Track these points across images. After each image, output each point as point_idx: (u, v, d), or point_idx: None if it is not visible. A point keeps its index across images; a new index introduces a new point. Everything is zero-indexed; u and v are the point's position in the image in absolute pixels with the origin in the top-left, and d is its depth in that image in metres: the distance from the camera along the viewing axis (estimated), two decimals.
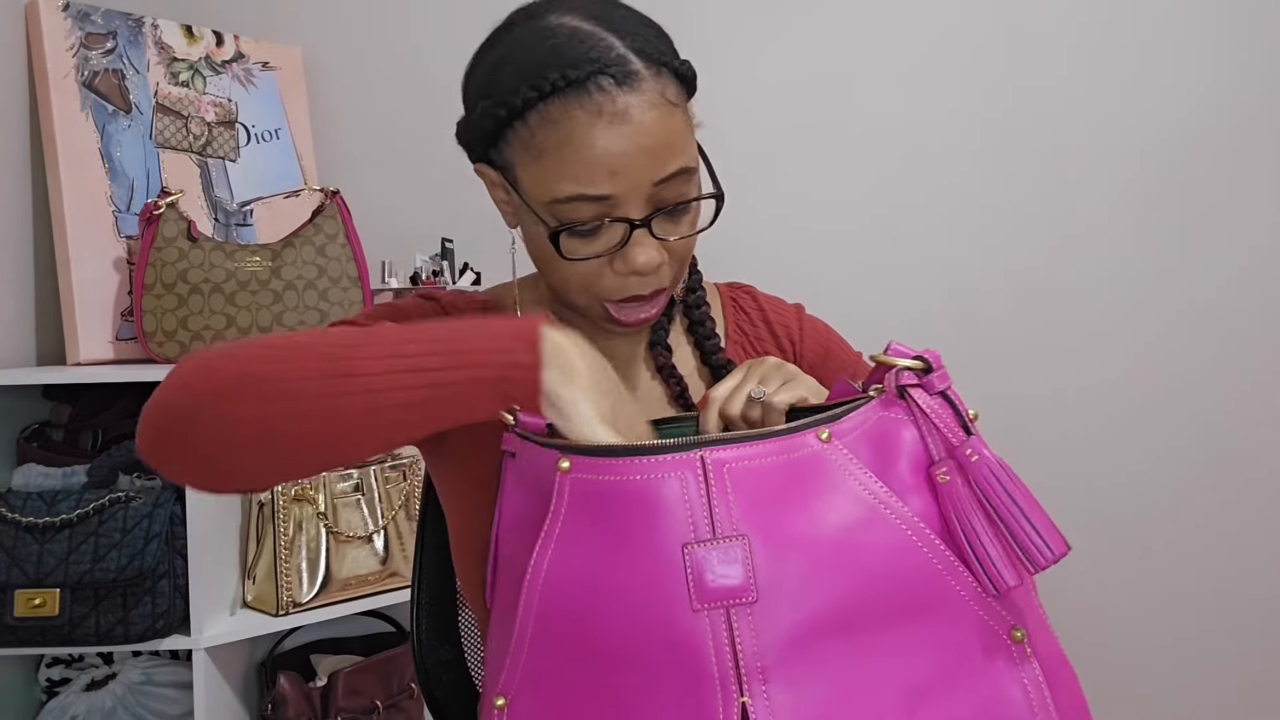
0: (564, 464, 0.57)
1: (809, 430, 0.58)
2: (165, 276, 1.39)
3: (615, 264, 0.71)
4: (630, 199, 0.69)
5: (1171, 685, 1.74)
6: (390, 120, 1.72)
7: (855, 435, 0.59)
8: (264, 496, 1.42)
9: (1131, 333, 1.73)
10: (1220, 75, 1.71)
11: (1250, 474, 1.72)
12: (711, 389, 0.69)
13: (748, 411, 0.68)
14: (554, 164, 0.69)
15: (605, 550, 0.56)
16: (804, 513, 0.56)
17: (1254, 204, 1.72)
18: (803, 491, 0.57)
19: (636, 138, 0.68)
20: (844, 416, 0.60)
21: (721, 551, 0.54)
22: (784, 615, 0.55)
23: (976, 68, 1.73)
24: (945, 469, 0.59)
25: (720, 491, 0.56)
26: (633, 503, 0.56)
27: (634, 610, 0.55)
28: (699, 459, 0.56)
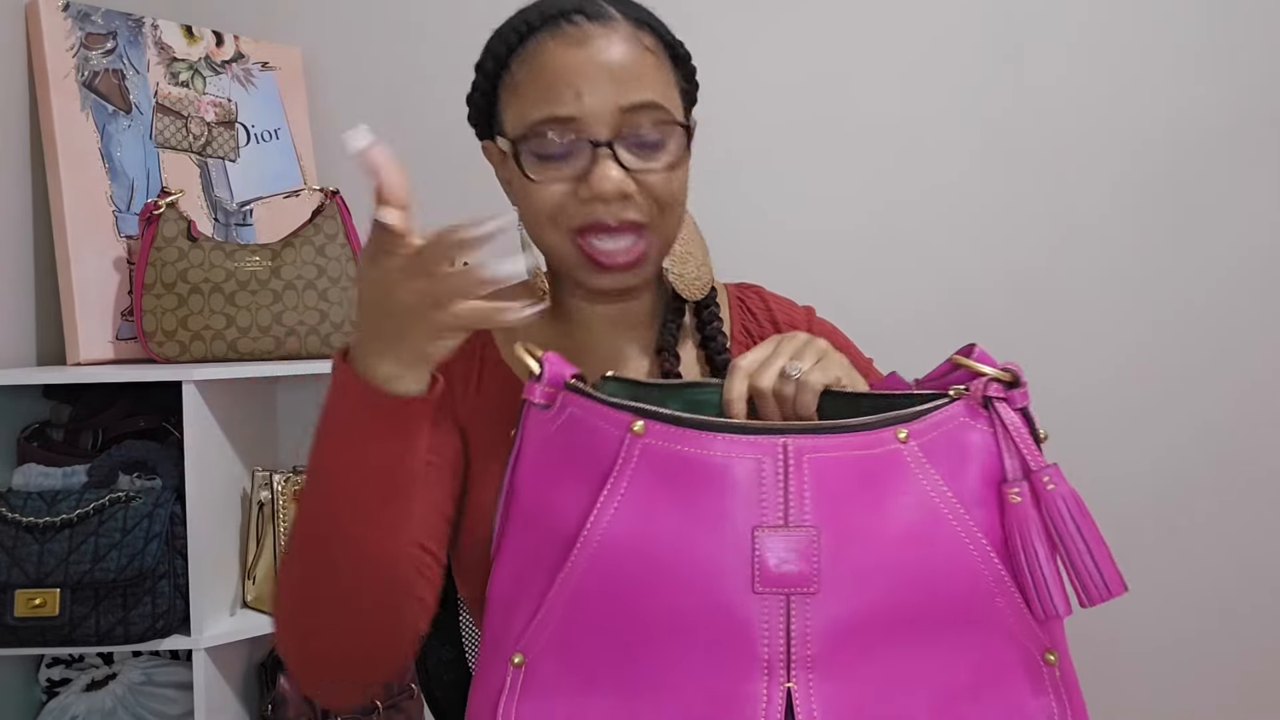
0: (638, 426, 0.57)
1: (888, 427, 0.58)
2: (165, 276, 1.39)
3: (580, 190, 0.72)
4: (596, 122, 0.72)
5: (1171, 685, 1.74)
6: (390, 120, 1.72)
7: (932, 437, 0.59)
8: (264, 496, 1.42)
9: (1129, 332, 1.73)
10: (1218, 74, 1.71)
11: (1250, 473, 1.72)
12: (739, 358, 0.66)
13: (780, 387, 0.65)
14: (528, 94, 0.74)
15: (671, 519, 0.56)
16: (873, 511, 0.57)
17: (1252, 203, 1.72)
18: (875, 490, 0.57)
19: (602, 59, 0.72)
20: (923, 416, 0.59)
21: (792, 539, 0.55)
22: (840, 608, 0.56)
23: (974, 65, 1.73)
24: (1018, 490, 0.59)
25: (798, 480, 0.56)
26: (708, 477, 0.56)
27: (692, 581, 0.55)
28: (781, 445, 0.56)
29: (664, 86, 0.75)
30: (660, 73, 0.76)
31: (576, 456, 0.59)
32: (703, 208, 0.89)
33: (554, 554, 0.57)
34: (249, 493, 1.45)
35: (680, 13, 0.85)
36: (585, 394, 0.59)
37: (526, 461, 0.61)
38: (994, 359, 0.62)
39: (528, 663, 0.58)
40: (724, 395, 0.64)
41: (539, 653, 0.58)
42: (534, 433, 0.61)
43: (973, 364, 0.61)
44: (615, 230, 0.73)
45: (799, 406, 0.64)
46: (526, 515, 0.61)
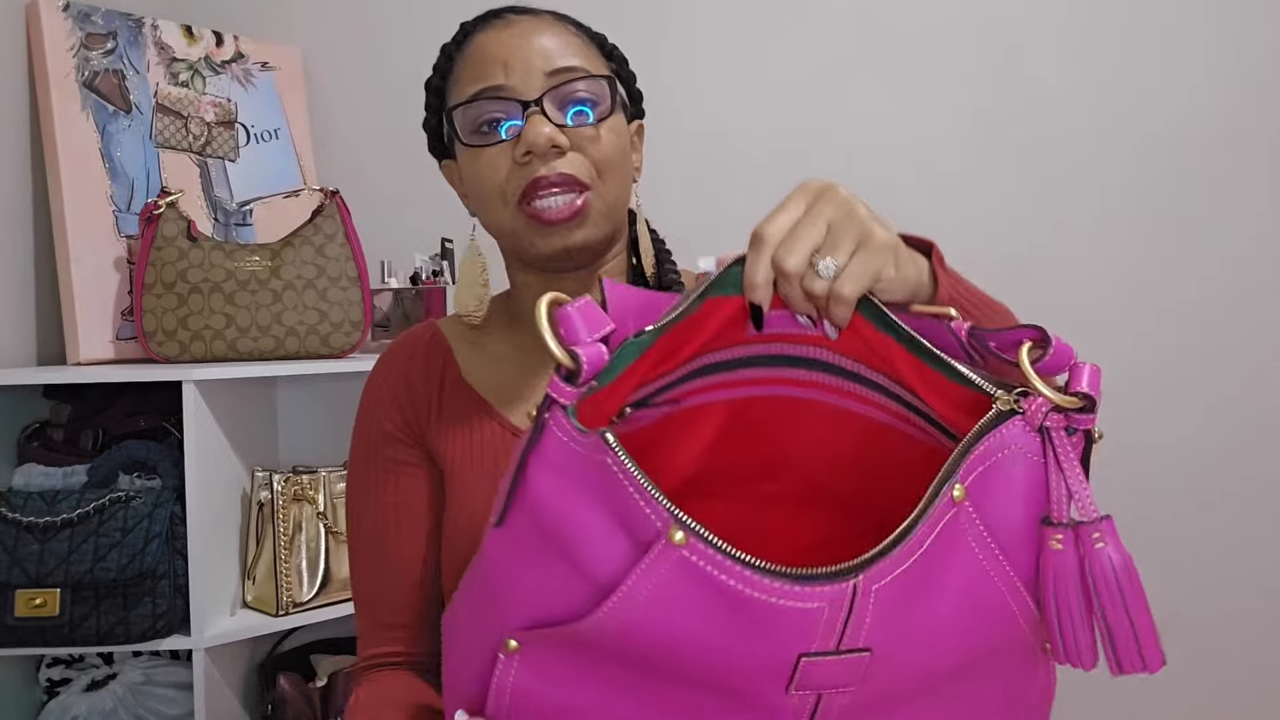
0: (678, 537, 0.45)
1: (946, 488, 0.48)
2: (165, 276, 1.39)
3: (517, 153, 0.75)
4: (524, 86, 0.75)
5: (1172, 687, 1.74)
6: (390, 120, 1.72)
7: (981, 473, 0.50)
8: (264, 496, 1.42)
9: (1123, 329, 1.73)
10: (1211, 72, 1.72)
11: (1246, 471, 1.73)
12: (764, 223, 0.55)
13: (809, 284, 0.54)
14: (463, 79, 0.78)
15: (703, 632, 0.47)
16: (926, 604, 0.49)
17: (1245, 200, 1.72)
18: (932, 583, 0.49)
19: (526, 34, 0.77)
20: (976, 446, 0.49)
21: (841, 662, 0.48)
22: (873, 690, 0.50)
23: (968, 63, 1.73)
24: (1061, 537, 0.50)
25: (859, 613, 0.47)
26: (752, 614, 0.46)
27: (712, 672, 0.48)
28: (852, 588, 0.46)
29: (590, 60, 0.79)
30: (586, 49, 0.80)
31: (607, 504, 0.48)
32: (698, 205, 0.89)
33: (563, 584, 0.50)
34: (249, 493, 1.45)
35: (674, 10, 0.85)
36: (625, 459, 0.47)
37: (546, 464, 0.51)
38: (1069, 354, 0.51)
39: (522, 650, 0.52)
40: (746, 277, 0.54)
41: (531, 645, 0.52)
42: (558, 438, 0.50)
43: (1036, 382, 0.49)
44: (555, 185, 0.74)
45: (831, 317, 0.55)
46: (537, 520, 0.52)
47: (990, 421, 0.49)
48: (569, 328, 0.49)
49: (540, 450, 0.50)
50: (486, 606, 0.54)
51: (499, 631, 0.52)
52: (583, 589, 0.48)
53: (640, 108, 0.88)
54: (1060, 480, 0.50)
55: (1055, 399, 0.49)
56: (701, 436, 0.63)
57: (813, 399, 0.62)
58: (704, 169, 1.71)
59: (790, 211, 0.55)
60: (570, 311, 0.49)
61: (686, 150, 1.69)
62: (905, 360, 0.56)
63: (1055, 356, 0.50)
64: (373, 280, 1.56)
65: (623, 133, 0.80)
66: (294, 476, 1.43)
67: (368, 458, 0.84)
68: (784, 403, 0.62)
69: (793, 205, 0.56)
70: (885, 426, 0.61)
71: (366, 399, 0.86)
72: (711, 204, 1.71)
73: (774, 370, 0.61)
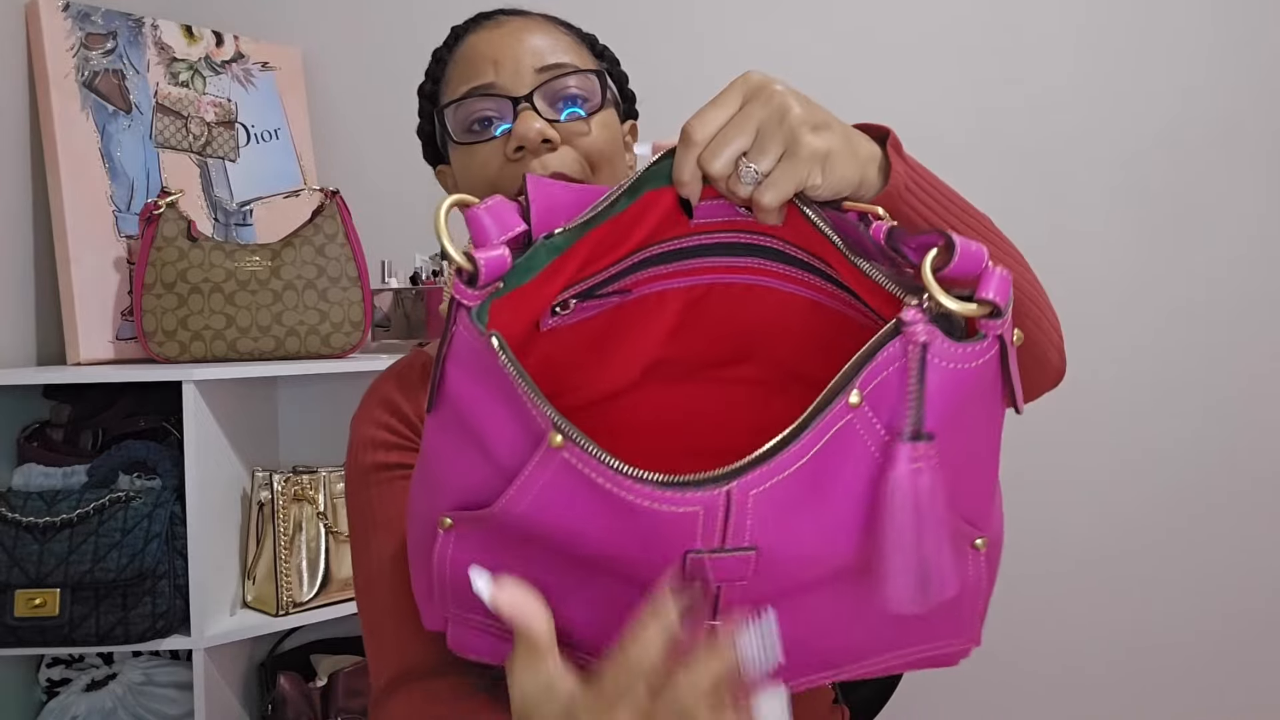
0: (556, 440, 0.47)
1: (842, 394, 0.47)
2: (165, 276, 1.39)
3: (509, 148, 0.75)
4: (513, 83, 0.76)
5: (1172, 689, 1.74)
6: (390, 120, 1.72)
7: (883, 377, 0.48)
8: (264, 496, 1.42)
9: (1125, 333, 1.73)
10: (1214, 73, 1.72)
11: (1247, 473, 1.73)
12: (694, 119, 0.54)
13: (733, 186, 0.54)
14: (454, 80, 0.79)
15: (587, 523, 0.49)
16: (819, 505, 0.49)
17: (1248, 202, 1.72)
18: (824, 482, 0.49)
19: (515, 32, 0.78)
20: (878, 352, 0.48)
21: (726, 559, 0.49)
22: (773, 582, 0.51)
23: (969, 64, 1.73)
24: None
25: (739, 514, 0.48)
26: (633, 514, 0.48)
27: (612, 561, 0.50)
28: (725, 494, 0.47)
29: (580, 57, 0.80)
30: (576, 48, 0.80)
31: (505, 400, 0.50)
32: None
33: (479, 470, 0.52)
34: (249, 493, 1.45)
35: (676, 11, 0.86)
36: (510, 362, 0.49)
37: (455, 361, 0.52)
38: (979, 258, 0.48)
39: (455, 527, 0.54)
40: (674, 174, 0.55)
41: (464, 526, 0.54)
42: (464, 337, 0.51)
43: (934, 290, 0.47)
44: None
45: (757, 219, 0.56)
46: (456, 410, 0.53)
47: (893, 329, 0.47)
48: (478, 229, 0.49)
49: (452, 348, 0.51)
50: (427, 487, 0.56)
51: (436, 510, 0.55)
52: (493, 477, 0.51)
53: (633, 108, 0.88)
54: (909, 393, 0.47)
55: (956, 308, 0.47)
56: (661, 323, 0.64)
57: (769, 286, 0.62)
58: None
59: (722, 109, 0.54)
60: (479, 213, 0.50)
61: None
62: (836, 257, 0.56)
63: (960, 261, 0.48)
64: (373, 280, 1.56)
65: (614, 127, 0.80)
66: (294, 476, 1.43)
67: (369, 473, 0.80)
68: (742, 289, 0.63)
69: (726, 101, 0.54)
70: (838, 312, 0.61)
71: (361, 415, 0.83)
72: None
73: (727, 259, 0.62)
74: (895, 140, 0.61)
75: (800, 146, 0.53)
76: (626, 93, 0.87)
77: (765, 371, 0.66)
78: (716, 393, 0.66)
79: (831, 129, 0.56)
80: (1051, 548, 1.70)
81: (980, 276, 0.48)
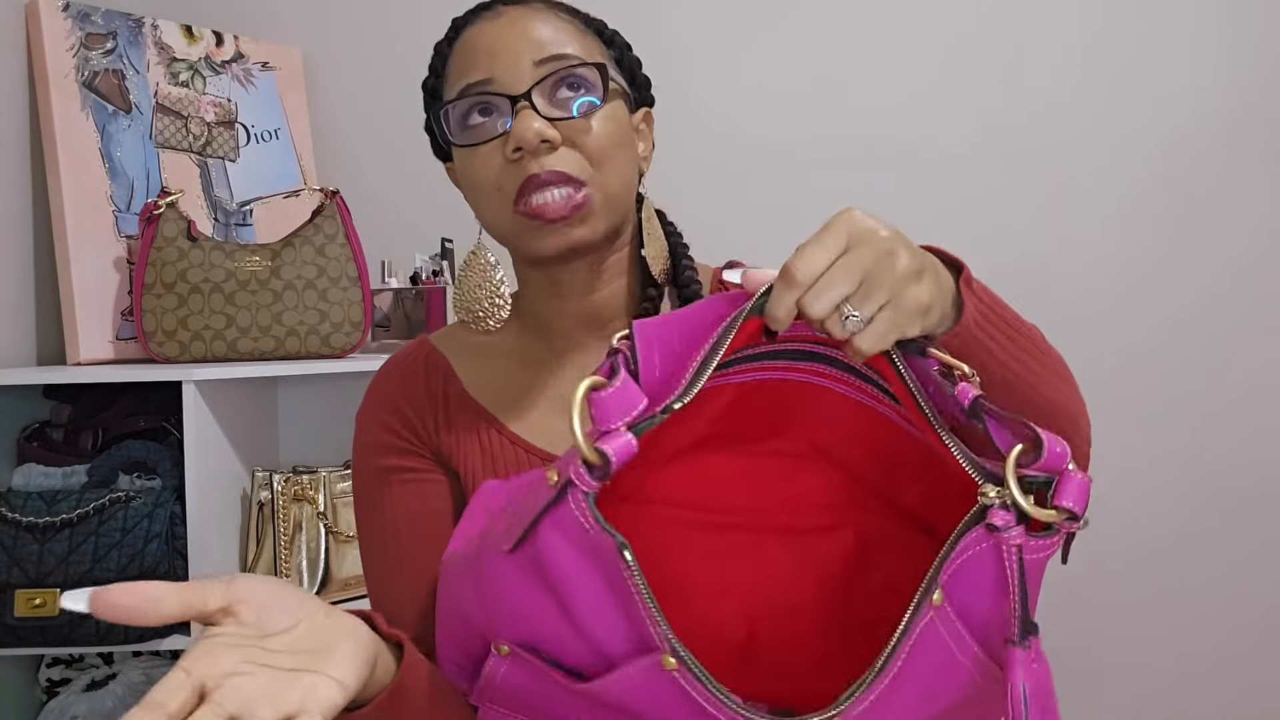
0: (669, 662, 0.49)
1: (927, 597, 0.50)
2: (165, 276, 1.39)
3: (507, 150, 0.72)
4: (511, 79, 0.73)
5: (1172, 691, 1.74)
6: (390, 120, 1.72)
7: (958, 565, 0.50)
8: (264, 496, 1.42)
9: (1132, 336, 1.73)
10: (1221, 77, 1.72)
11: (1253, 476, 1.72)
12: (797, 258, 0.53)
13: (832, 327, 0.53)
14: (452, 74, 0.76)
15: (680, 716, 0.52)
16: (896, 697, 0.51)
17: (1255, 208, 1.72)
18: (904, 677, 0.51)
19: (514, 23, 0.75)
20: (956, 546, 0.50)
21: None
22: None
23: (976, 69, 1.73)
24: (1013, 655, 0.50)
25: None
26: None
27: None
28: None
29: (583, 46, 0.76)
30: (580, 37, 0.77)
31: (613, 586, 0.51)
32: (703, 212, 0.89)
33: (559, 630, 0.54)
34: (249, 493, 1.45)
35: (681, 16, 0.85)
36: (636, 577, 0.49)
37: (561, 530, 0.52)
38: (1062, 459, 0.49)
39: (513, 655, 0.56)
40: (769, 309, 0.53)
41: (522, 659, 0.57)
42: (575, 517, 0.51)
43: (1018, 496, 0.48)
44: (549, 184, 0.71)
45: (846, 357, 0.56)
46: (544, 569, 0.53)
47: (972, 519, 0.49)
48: (602, 413, 0.50)
49: (556, 517, 0.51)
50: (486, 602, 0.57)
51: (493, 630, 0.56)
52: (576, 645, 0.52)
53: (648, 95, 0.84)
54: (1017, 597, 0.49)
55: (1036, 514, 0.48)
56: (710, 411, 0.64)
57: (824, 385, 0.63)
58: (708, 170, 1.71)
59: (827, 250, 0.53)
60: (604, 398, 0.50)
61: (691, 150, 1.69)
62: (908, 399, 0.57)
63: (1047, 461, 0.49)
64: (373, 280, 1.56)
65: (620, 120, 0.76)
66: (294, 476, 1.43)
67: (377, 478, 0.80)
68: (794, 385, 0.63)
69: (830, 241, 0.53)
70: (889, 420, 0.62)
71: (366, 416, 0.83)
72: (714, 205, 1.71)
73: (787, 362, 0.62)
74: (968, 274, 0.62)
75: (905, 299, 0.54)
76: (639, 79, 0.83)
77: (799, 446, 0.65)
78: (749, 464, 0.66)
79: (926, 275, 0.56)
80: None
81: (1060, 479, 0.49)
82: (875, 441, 0.62)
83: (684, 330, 0.55)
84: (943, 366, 0.55)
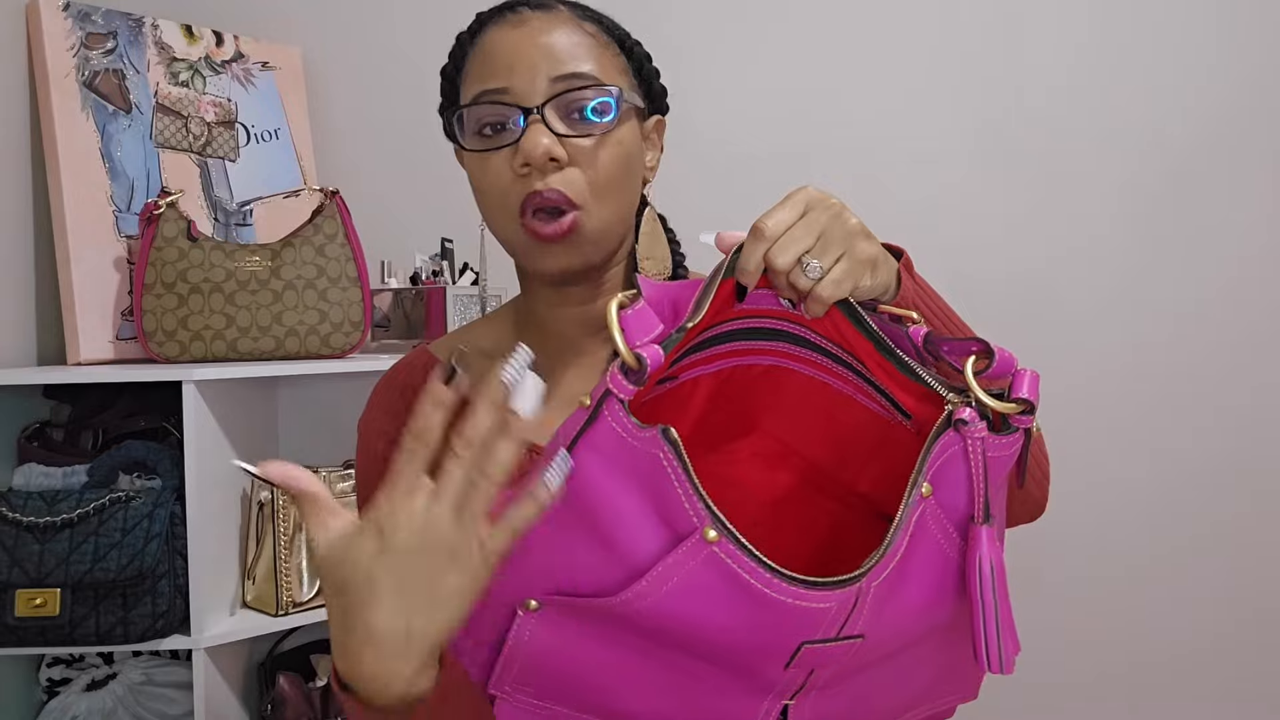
0: (711, 534, 0.52)
1: (917, 487, 0.55)
2: (165, 276, 1.39)
3: (515, 163, 0.74)
4: (526, 91, 0.74)
5: (1171, 689, 1.74)
6: (390, 120, 1.72)
7: (940, 466, 0.57)
8: (264, 496, 1.42)
9: (1130, 335, 1.73)
10: (1219, 76, 1.72)
11: (1254, 476, 1.73)
12: (765, 217, 0.61)
13: (794, 278, 0.61)
14: (470, 76, 0.77)
15: (721, 617, 0.53)
16: (901, 590, 0.56)
17: (1254, 206, 1.72)
18: (905, 569, 0.55)
19: (533, 35, 0.75)
20: (935, 444, 0.56)
21: (837, 648, 0.54)
22: (858, 662, 0.57)
23: (971, 72, 1.73)
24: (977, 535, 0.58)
25: (860, 607, 0.54)
26: (768, 607, 0.52)
27: (721, 650, 0.54)
28: (857, 590, 0.53)
29: (601, 64, 0.77)
30: (599, 51, 0.77)
31: (649, 494, 0.54)
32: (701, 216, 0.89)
33: (595, 561, 0.55)
34: (249, 493, 1.45)
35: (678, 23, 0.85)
36: (678, 458, 0.53)
37: (596, 451, 0.55)
38: (1011, 363, 0.57)
39: (542, 609, 0.57)
40: (740, 263, 0.61)
41: (555, 610, 0.57)
42: (612, 429, 0.54)
43: (979, 393, 0.56)
44: (549, 202, 0.73)
45: (808, 310, 0.62)
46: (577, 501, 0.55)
47: (944, 423, 0.56)
48: (630, 329, 0.55)
49: (592, 438, 0.55)
50: (513, 561, 0.58)
51: (520, 591, 0.57)
52: (614, 569, 0.54)
53: (664, 103, 0.85)
54: (981, 485, 0.57)
55: (997, 407, 0.56)
56: (694, 408, 0.69)
57: (788, 368, 0.69)
58: (709, 171, 1.71)
59: (789, 211, 0.61)
60: (631, 315, 0.56)
61: (692, 153, 1.69)
62: (869, 350, 0.64)
63: (999, 365, 0.58)
64: (373, 280, 1.56)
65: (629, 143, 0.77)
66: None
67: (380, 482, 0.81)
68: (762, 370, 0.69)
69: (792, 205, 0.62)
70: (849, 397, 0.67)
71: (367, 424, 0.83)
72: (714, 207, 1.71)
73: (755, 342, 0.68)
74: (908, 260, 0.71)
75: (857, 251, 0.62)
76: (655, 89, 0.83)
77: (766, 444, 0.71)
78: (724, 468, 0.70)
79: (875, 240, 0.64)
80: (1056, 551, 1.70)
81: (1014, 377, 0.57)
82: (838, 424, 0.68)
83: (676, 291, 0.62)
84: (891, 316, 0.64)
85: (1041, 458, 0.77)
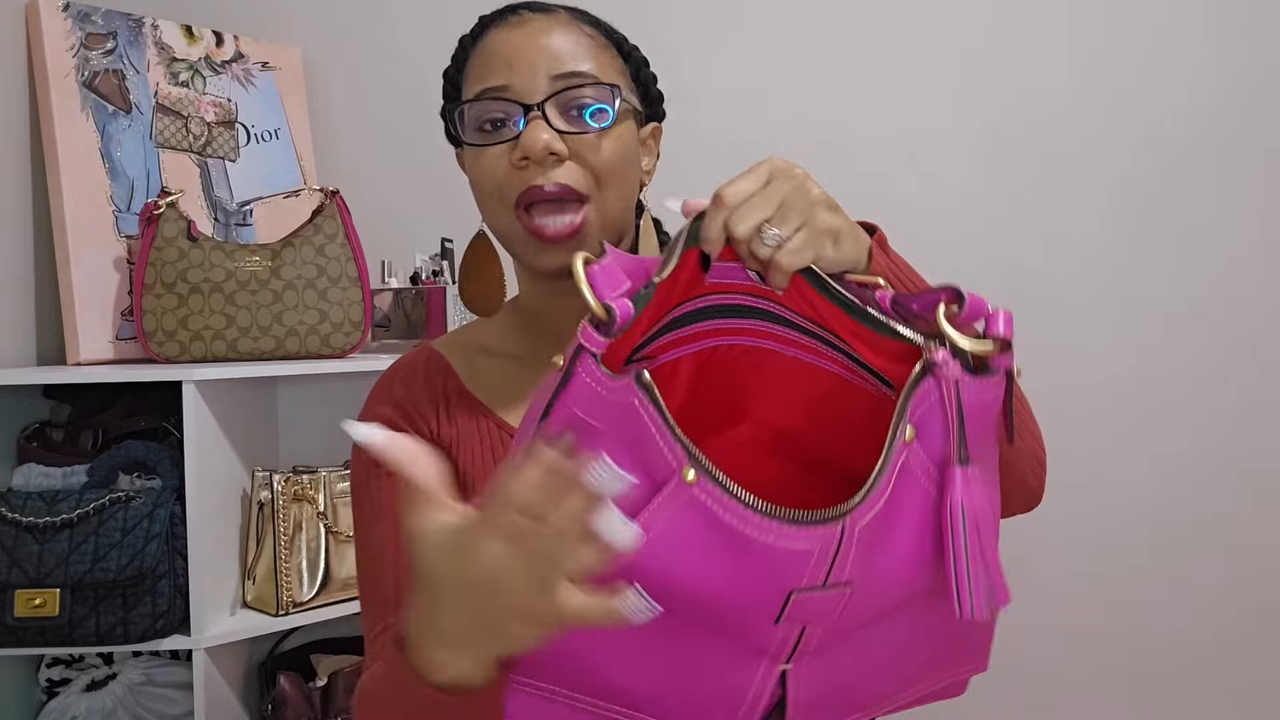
0: (690, 475, 0.51)
1: (899, 431, 0.54)
2: (165, 276, 1.39)
3: (514, 157, 0.75)
4: (526, 88, 0.75)
5: (1171, 688, 1.74)
6: (390, 120, 1.72)
7: (922, 412, 0.55)
8: (264, 496, 1.42)
9: (1128, 334, 1.73)
10: (1214, 75, 1.72)
11: (1249, 476, 1.73)
12: (726, 185, 0.60)
13: (755, 247, 0.60)
14: (471, 75, 0.78)
15: (703, 567, 0.52)
16: (893, 539, 0.55)
17: (1248, 205, 1.72)
18: (893, 516, 0.54)
19: (534, 36, 0.76)
20: (915, 390, 0.55)
21: (826, 597, 0.53)
22: (844, 621, 0.56)
23: (969, 72, 1.73)
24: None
25: (845, 550, 0.52)
26: (749, 550, 0.51)
27: (708, 605, 0.53)
28: (840, 528, 0.51)
29: (600, 64, 0.78)
30: (598, 52, 0.78)
31: (628, 447, 0.52)
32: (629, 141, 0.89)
33: None
34: (249, 493, 1.45)
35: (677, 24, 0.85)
36: (653, 402, 0.52)
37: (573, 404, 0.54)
38: (982, 305, 0.56)
39: None
40: (702, 231, 0.60)
41: None
42: (585, 383, 0.53)
43: (954, 336, 0.56)
44: (554, 198, 0.74)
45: (769, 280, 0.62)
46: None
47: (923, 369, 0.55)
48: (597, 283, 0.55)
49: (567, 394, 0.54)
50: None
51: None
52: None
53: (660, 110, 0.86)
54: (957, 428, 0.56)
55: (972, 347, 0.56)
56: (677, 391, 0.68)
57: (767, 348, 0.68)
58: (709, 172, 1.71)
59: (751, 180, 0.61)
60: (598, 270, 0.55)
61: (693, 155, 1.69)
62: (841, 319, 0.63)
63: (970, 309, 0.57)
64: (373, 280, 1.56)
65: (628, 140, 0.78)
66: (294, 476, 1.43)
67: (372, 466, 0.81)
68: (741, 351, 0.68)
69: (754, 175, 0.61)
70: (829, 374, 0.67)
71: (366, 414, 0.84)
72: None
73: (731, 321, 0.67)
74: (882, 236, 0.70)
75: (817, 221, 0.61)
76: (653, 95, 0.85)
77: (754, 430, 0.70)
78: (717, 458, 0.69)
79: (840, 213, 0.64)
80: (1053, 546, 1.70)
81: (987, 319, 0.57)
82: (824, 405, 0.67)
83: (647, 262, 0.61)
84: (858, 284, 0.63)
85: (1028, 417, 0.76)
